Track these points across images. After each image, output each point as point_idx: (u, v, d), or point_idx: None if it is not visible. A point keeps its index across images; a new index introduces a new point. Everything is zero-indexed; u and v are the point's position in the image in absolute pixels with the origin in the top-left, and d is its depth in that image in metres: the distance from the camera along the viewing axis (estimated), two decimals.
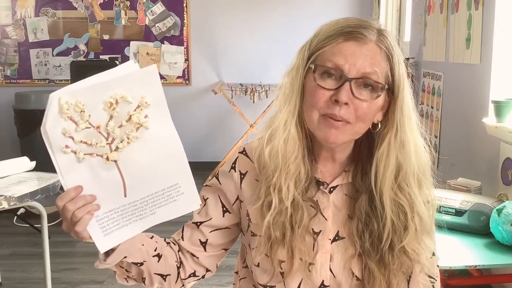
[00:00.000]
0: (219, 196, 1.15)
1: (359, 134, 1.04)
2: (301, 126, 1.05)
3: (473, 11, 2.92)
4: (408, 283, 1.09)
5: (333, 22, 1.03)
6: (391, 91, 1.02)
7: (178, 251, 1.16)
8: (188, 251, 1.16)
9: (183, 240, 1.16)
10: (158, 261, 1.10)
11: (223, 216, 1.15)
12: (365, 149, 1.07)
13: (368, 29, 1.00)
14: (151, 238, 1.11)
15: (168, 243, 1.16)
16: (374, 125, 1.04)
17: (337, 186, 1.09)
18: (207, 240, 1.15)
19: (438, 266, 1.16)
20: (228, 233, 1.17)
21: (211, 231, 1.15)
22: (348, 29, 0.99)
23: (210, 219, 1.14)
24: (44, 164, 4.30)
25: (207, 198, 1.16)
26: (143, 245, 1.08)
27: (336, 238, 1.07)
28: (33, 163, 2.68)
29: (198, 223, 1.15)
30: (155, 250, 1.10)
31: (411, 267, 1.06)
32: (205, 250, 1.16)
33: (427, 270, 1.10)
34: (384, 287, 1.04)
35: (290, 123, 1.04)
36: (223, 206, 1.14)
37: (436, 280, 1.14)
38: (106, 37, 5.53)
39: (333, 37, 1.00)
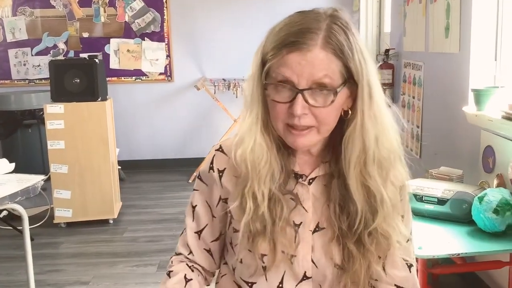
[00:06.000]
0: (206, 201, 1.16)
1: (327, 133, 1.04)
2: (268, 131, 1.05)
3: (451, 0, 2.93)
4: (385, 266, 1.11)
5: (279, 26, 1.01)
6: (352, 80, 1.00)
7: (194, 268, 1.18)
8: (200, 266, 1.19)
9: (193, 255, 1.18)
10: None
11: (213, 221, 1.16)
12: (338, 134, 1.06)
13: (312, 33, 0.97)
14: None
15: (190, 279, 1.15)
16: (346, 112, 1.03)
17: (316, 177, 1.09)
18: (210, 248, 1.18)
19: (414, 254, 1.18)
20: (223, 240, 1.19)
21: (211, 241, 1.18)
22: (290, 38, 0.97)
23: (206, 225, 1.17)
24: (24, 165, 4.24)
25: (196, 205, 1.17)
26: None
27: (317, 229, 1.08)
28: (13, 165, 2.64)
29: (199, 233, 1.17)
30: None
31: (388, 249, 1.07)
32: (212, 257, 1.20)
33: (403, 254, 1.12)
34: (364, 267, 1.06)
35: (254, 131, 1.04)
36: (211, 210, 1.16)
37: (413, 265, 1.15)
38: (85, 35, 5.47)
39: (277, 48, 0.98)
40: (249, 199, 1.04)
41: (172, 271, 1.16)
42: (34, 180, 2.42)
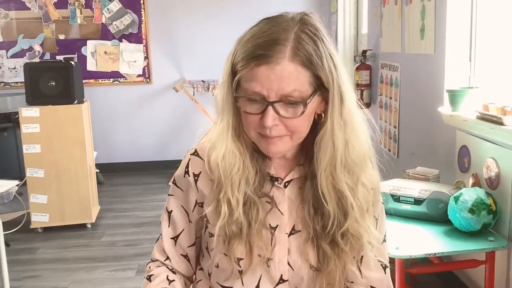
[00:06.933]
0: (182, 206, 1.15)
1: (300, 140, 1.05)
2: (240, 138, 1.06)
3: (426, 2, 2.96)
4: (360, 267, 1.12)
5: (246, 36, 1.00)
6: (324, 88, 1.00)
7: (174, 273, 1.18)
8: (179, 271, 1.19)
9: (170, 261, 1.18)
10: None
11: (189, 226, 1.16)
12: (311, 136, 1.07)
13: (279, 45, 0.96)
14: None
15: (172, 280, 1.15)
16: (319, 116, 1.04)
17: (291, 180, 1.10)
18: (187, 253, 1.18)
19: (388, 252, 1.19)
20: (200, 244, 1.19)
21: (188, 246, 1.17)
22: (258, 51, 0.96)
23: (182, 230, 1.16)
24: (0, 170, 4.13)
25: (171, 210, 1.16)
26: None
27: (293, 231, 1.09)
28: None
29: (175, 238, 1.17)
30: None
31: (361, 249, 1.08)
32: (189, 262, 1.19)
33: (377, 253, 1.12)
34: (339, 267, 1.06)
35: (225, 138, 1.05)
36: (187, 215, 1.15)
37: (387, 266, 1.17)
38: (61, 37, 5.40)
39: (246, 60, 0.97)
40: (224, 204, 1.05)
41: (152, 274, 1.15)
42: (8, 185, 2.38)
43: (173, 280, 1.14)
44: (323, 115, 1.03)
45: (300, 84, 0.96)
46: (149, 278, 1.15)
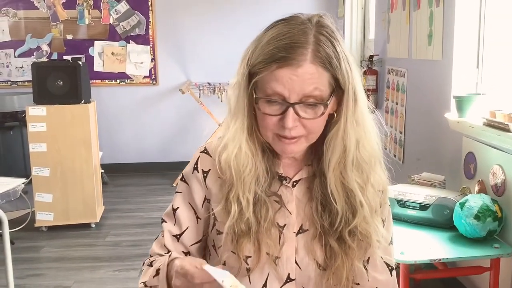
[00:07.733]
0: (189, 203, 1.15)
1: (314, 140, 1.06)
2: (253, 138, 1.06)
3: (434, 8, 2.96)
4: (367, 268, 1.12)
5: (265, 38, 1.00)
6: (339, 88, 1.02)
7: None
8: None
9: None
10: None
11: (197, 223, 1.15)
12: (320, 135, 1.07)
13: (301, 48, 0.97)
14: None
15: None
16: (331, 115, 1.05)
17: (299, 180, 1.10)
18: (189, 251, 1.17)
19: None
20: (205, 242, 1.18)
21: (191, 245, 1.16)
22: (280, 53, 0.97)
23: (187, 228, 1.15)
24: (6, 168, 4.14)
25: (177, 208, 1.16)
26: None
27: (301, 231, 1.09)
28: None
29: (178, 236, 1.15)
30: None
31: (369, 248, 1.09)
32: None
33: (383, 253, 1.13)
34: (346, 264, 1.07)
35: (239, 139, 1.05)
36: (195, 212, 1.15)
37: (393, 268, 1.17)
38: (69, 37, 5.43)
39: (266, 62, 0.98)
40: (234, 204, 1.05)
41: (154, 260, 1.14)
42: (14, 183, 2.39)
43: None
44: (335, 115, 1.04)
45: (321, 84, 0.98)
46: (150, 264, 1.14)
